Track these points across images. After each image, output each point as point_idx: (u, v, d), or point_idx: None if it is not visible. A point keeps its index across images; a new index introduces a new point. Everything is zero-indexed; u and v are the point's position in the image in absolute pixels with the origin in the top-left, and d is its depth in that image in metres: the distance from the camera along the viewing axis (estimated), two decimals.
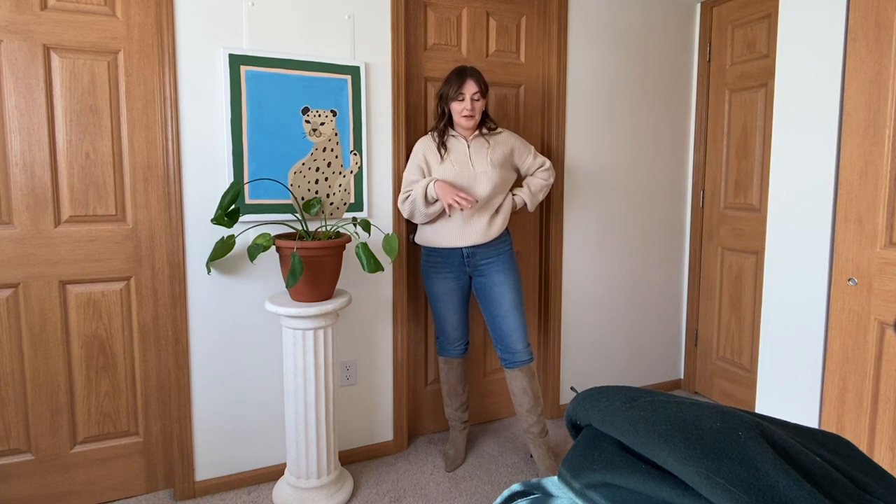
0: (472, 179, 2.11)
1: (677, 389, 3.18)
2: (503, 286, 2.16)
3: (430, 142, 2.18)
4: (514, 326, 2.17)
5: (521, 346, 2.18)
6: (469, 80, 2.06)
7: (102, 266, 1.98)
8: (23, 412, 1.93)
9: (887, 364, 1.64)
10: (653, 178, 2.95)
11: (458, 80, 2.08)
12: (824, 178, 1.78)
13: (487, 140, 2.17)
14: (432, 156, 2.15)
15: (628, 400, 0.49)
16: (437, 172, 2.13)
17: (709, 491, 0.37)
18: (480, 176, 2.11)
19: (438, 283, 2.21)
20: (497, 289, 2.16)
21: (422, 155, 2.17)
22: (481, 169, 2.12)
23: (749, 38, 2.70)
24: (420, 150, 2.18)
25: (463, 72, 2.09)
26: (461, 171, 2.11)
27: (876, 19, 1.62)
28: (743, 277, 2.78)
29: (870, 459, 0.45)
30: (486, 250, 2.16)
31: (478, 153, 2.14)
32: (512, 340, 2.18)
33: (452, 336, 2.30)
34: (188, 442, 2.08)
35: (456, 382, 2.35)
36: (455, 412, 2.38)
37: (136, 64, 1.96)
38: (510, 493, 0.54)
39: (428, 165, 2.16)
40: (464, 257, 2.17)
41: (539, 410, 2.23)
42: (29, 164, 1.85)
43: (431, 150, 2.16)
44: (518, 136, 2.28)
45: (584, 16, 2.68)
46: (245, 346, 2.15)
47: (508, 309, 2.16)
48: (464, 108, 2.07)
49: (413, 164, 2.18)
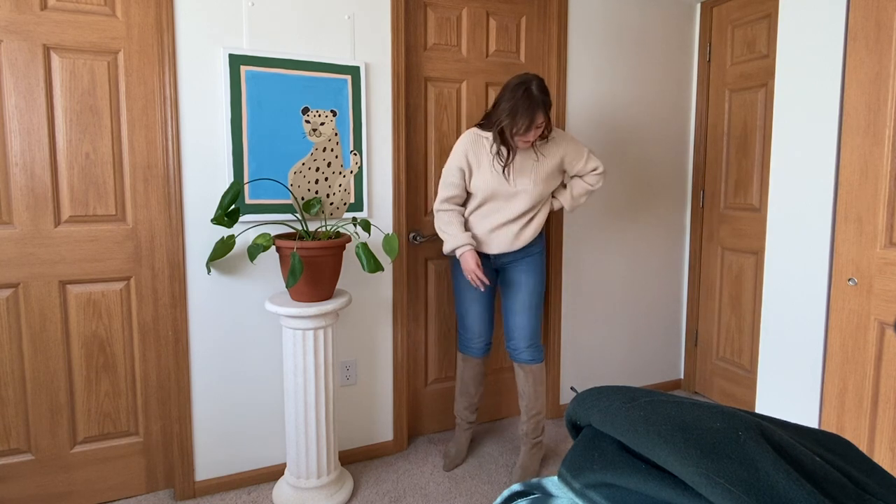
0: (509, 196, 2.05)
1: (677, 389, 3.18)
2: (521, 285, 2.17)
3: (475, 140, 2.05)
4: (521, 325, 2.18)
5: (523, 345, 2.19)
6: (538, 113, 1.87)
7: (102, 266, 1.98)
8: (23, 412, 1.93)
9: (887, 364, 1.64)
10: (653, 177, 2.95)
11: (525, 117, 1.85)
12: (824, 178, 1.78)
13: (537, 153, 2.05)
14: (474, 158, 2.04)
15: (628, 400, 0.49)
16: (477, 178, 2.05)
17: (709, 491, 0.37)
18: (520, 194, 2.05)
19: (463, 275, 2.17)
20: (515, 287, 2.18)
21: (464, 156, 2.05)
22: (522, 187, 2.04)
23: (749, 38, 2.70)
24: (462, 150, 2.06)
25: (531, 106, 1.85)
26: (499, 185, 2.03)
27: (876, 19, 1.62)
28: (743, 277, 2.78)
29: (870, 459, 0.45)
30: (514, 254, 2.16)
31: (522, 167, 2.04)
32: (516, 337, 2.20)
33: (473, 329, 2.24)
34: (188, 442, 2.08)
35: (469, 381, 2.32)
36: (463, 411, 2.36)
37: (136, 64, 1.96)
38: (510, 492, 0.54)
39: (469, 168, 2.06)
40: (489, 258, 2.18)
41: (533, 413, 2.23)
42: (29, 164, 1.86)
43: (474, 151, 2.04)
44: (573, 138, 2.14)
45: (584, 16, 2.68)
46: (245, 346, 2.15)
47: (521, 308, 2.17)
48: (526, 139, 1.93)
49: (453, 165, 2.07)
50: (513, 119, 1.89)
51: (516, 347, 2.21)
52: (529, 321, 2.18)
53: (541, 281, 2.19)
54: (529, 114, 1.87)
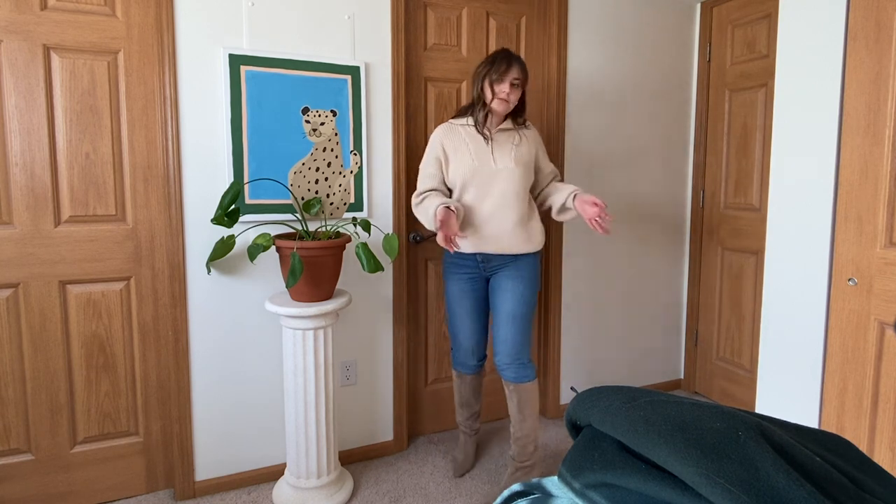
0: (491, 175, 1.96)
1: (677, 389, 3.18)
2: (507, 293, 2.00)
3: (448, 129, 2.04)
4: (504, 337, 2.00)
5: (506, 360, 2.00)
6: (514, 65, 1.94)
7: (102, 266, 1.98)
8: (23, 412, 1.93)
9: (887, 364, 1.64)
10: (653, 177, 2.95)
11: (503, 61, 1.94)
12: (824, 178, 1.78)
13: (516, 134, 2.03)
14: (450, 144, 2.01)
15: (628, 400, 0.49)
16: (454, 163, 1.99)
17: (709, 491, 0.37)
18: (502, 172, 1.96)
19: (454, 283, 2.10)
20: (501, 295, 2.01)
21: (439, 145, 2.02)
22: (503, 165, 1.97)
23: (749, 38, 2.70)
24: (437, 140, 2.03)
25: (509, 55, 1.96)
26: (481, 165, 1.96)
27: (876, 19, 1.62)
28: (743, 277, 2.78)
29: (870, 459, 0.45)
30: (506, 258, 2.01)
31: (502, 148, 1.99)
32: (500, 352, 2.02)
33: (465, 346, 2.14)
34: (188, 442, 2.08)
35: (469, 395, 2.24)
36: (466, 420, 2.30)
37: (136, 64, 1.96)
38: (510, 493, 0.54)
39: (446, 156, 2.02)
40: (478, 261, 2.05)
41: (519, 436, 2.03)
42: (29, 164, 1.86)
43: (450, 138, 2.02)
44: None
45: (584, 16, 2.68)
46: (245, 346, 2.15)
47: (506, 318, 1.99)
48: (501, 89, 1.93)
49: (430, 156, 2.04)
50: (491, 65, 1.96)
51: (500, 363, 2.03)
52: (514, 334, 1.99)
53: (532, 290, 2.02)
54: (507, 61, 1.94)
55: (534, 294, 2.04)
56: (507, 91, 1.94)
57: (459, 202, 1.99)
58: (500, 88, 1.94)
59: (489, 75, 1.95)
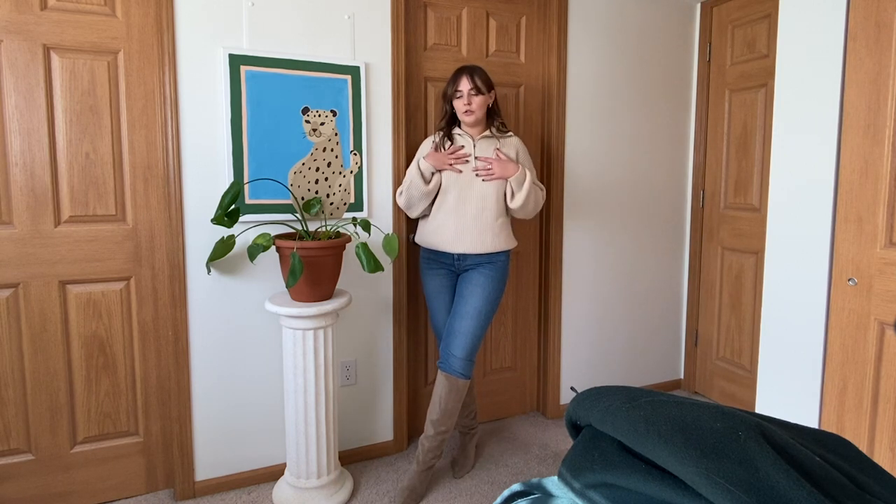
0: (471, 180, 2.08)
1: (677, 389, 3.18)
2: (477, 288, 2.08)
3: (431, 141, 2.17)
4: (464, 330, 2.05)
5: (458, 353, 2.05)
6: (463, 76, 2.06)
7: (102, 266, 1.98)
8: (23, 412, 1.93)
9: (887, 364, 1.64)
10: (653, 177, 2.95)
11: (454, 77, 2.09)
12: (824, 178, 1.78)
13: (497, 141, 2.13)
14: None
15: (628, 400, 0.49)
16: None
17: (709, 491, 0.37)
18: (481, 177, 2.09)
19: (431, 279, 2.19)
20: (470, 289, 2.09)
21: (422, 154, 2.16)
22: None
23: (749, 38, 2.70)
24: (423, 149, 2.18)
25: (459, 70, 2.09)
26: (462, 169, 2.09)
27: (876, 19, 1.62)
28: (743, 277, 2.78)
29: (870, 459, 0.45)
30: (479, 257, 2.11)
31: (483, 153, 2.10)
32: (452, 343, 2.06)
33: None
34: (188, 442, 2.08)
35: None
36: (462, 419, 2.34)
37: (136, 64, 1.96)
38: (510, 492, 0.55)
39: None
40: (454, 259, 2.13)
41: (442, 429, 2.07)
42: (29, 164, 1.85)
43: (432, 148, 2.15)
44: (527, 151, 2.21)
45: (584, 16, 2.68)
46: (245, 346, 2.15)
47: (471, 311, 2.06)
48: (461, 103, 2.06)
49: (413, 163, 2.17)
50: (449, 84, 2.11)
51: (447, 353, 2.06)
52: (475, 329, 2.05)
53: (499, 292, 2.11)
54: (459, 73, 2.08)
55: (500, 296, 2.13)
56: (466, 101, 2.05)
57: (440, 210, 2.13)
58: (460, 102, 2.07)
59: (448, 94, 2.10)
